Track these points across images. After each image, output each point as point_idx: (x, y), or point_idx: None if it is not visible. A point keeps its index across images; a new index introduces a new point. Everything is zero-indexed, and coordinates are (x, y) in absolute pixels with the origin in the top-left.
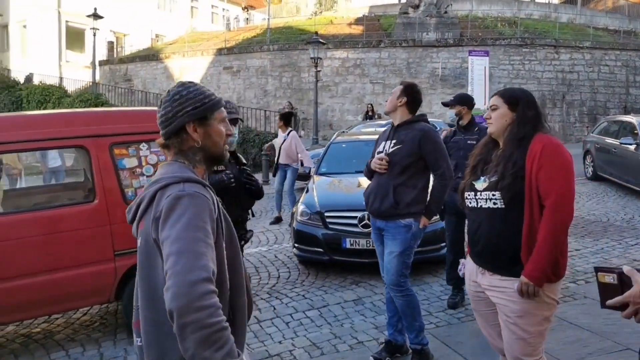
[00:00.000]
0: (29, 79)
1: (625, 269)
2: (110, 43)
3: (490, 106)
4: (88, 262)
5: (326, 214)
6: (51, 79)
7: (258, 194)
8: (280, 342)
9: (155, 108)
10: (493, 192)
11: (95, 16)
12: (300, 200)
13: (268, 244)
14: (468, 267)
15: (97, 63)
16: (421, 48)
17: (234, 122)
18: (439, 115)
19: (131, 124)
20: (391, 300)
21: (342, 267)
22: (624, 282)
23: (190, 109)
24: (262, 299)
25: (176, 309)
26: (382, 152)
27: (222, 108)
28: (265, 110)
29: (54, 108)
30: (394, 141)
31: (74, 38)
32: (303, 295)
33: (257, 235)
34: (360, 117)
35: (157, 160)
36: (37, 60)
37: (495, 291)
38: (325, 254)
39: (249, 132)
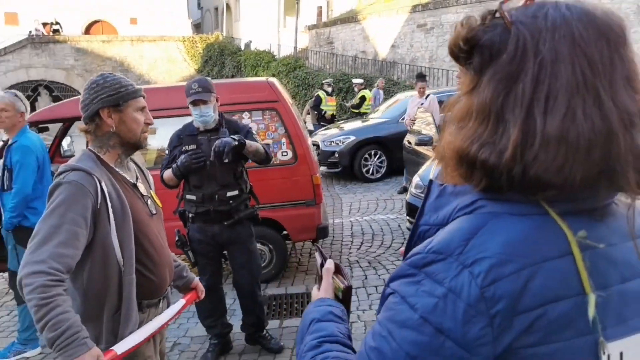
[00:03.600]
0: (247, 45)
1: (327, 264)
2: (319, 7)
3: None
4: None
5: None
6: (266, 45)
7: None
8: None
9: (258, 79)
10: None
11: None
12: (419, 172)
13: (399, 212)
14: None
15: (299, 28)
16: None
17: (196, 103)
18: None
19: (235, 94)
20: None
21: None
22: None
23: (105, 96)
24: (360, 266)
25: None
26: None
27: (141, 98)
28: (454, 71)
29: (263, 71)
30: None
31: (293, 4)
32: None
33: (394, 202)
34: None
35: (257, 128)
36: (260, 27)
37: None
38: None
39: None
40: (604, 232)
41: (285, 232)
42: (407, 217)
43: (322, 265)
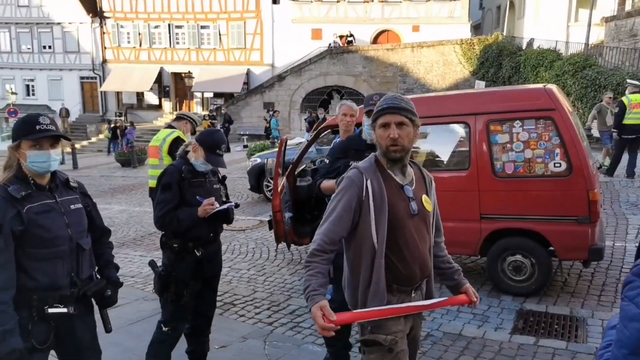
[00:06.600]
0: (529, 44)
1: None
2: None
3: None
4: (460, 218)
5: None
6: (550, 43)
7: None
8: None
9: (535, 86)
10: None
11: None
12: None
13: None
14: None
15: (593, 21)
16: None
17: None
18: None
19: (507, 102)
20: None
21: None
22: None
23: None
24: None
25: None
26: None
27: (384, 116)
28: None
29: (545, 72)
30: None
31: None
32: None
33: None
34: None
35: (528, 137)
36: (546, 23)
37: None
38: None
39: None
40: None
41: (551, 248)
42: None
43: None
